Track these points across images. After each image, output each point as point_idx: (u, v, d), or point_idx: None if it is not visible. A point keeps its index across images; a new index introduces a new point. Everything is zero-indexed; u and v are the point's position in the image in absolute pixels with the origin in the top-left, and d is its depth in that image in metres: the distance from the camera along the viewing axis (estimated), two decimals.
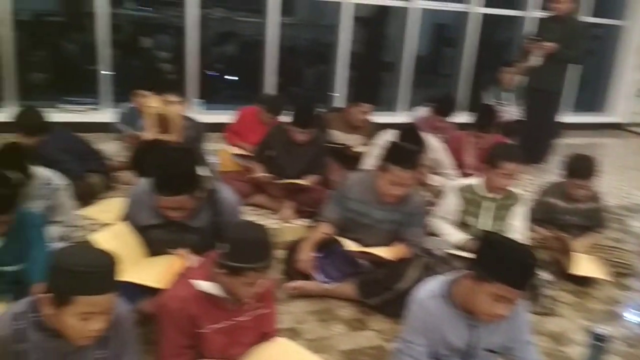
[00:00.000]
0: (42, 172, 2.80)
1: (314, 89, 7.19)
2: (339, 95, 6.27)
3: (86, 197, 3.51)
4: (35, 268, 2.26)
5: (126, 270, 2.16)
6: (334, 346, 2.54)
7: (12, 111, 5.19)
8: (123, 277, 2.17)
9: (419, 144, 3.27)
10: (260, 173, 3.77)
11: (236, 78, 7.22)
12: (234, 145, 4.35)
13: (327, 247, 2.96)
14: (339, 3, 6.12)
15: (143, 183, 2.51)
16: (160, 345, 2.00)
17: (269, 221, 3.58)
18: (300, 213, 3.73)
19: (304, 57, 7.68)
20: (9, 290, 2.27)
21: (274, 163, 3.84)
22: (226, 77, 7.25)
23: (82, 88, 5.84)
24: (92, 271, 1.53)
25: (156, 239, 2.44)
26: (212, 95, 6.32)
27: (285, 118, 4.20)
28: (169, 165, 2.33)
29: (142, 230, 2.46)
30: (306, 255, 2.86)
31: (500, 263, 1.78)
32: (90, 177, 3.68)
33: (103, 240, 2.28)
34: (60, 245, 2.45)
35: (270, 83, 5.95)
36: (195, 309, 1.92)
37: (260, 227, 1.94)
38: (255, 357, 2.09)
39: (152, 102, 3.58)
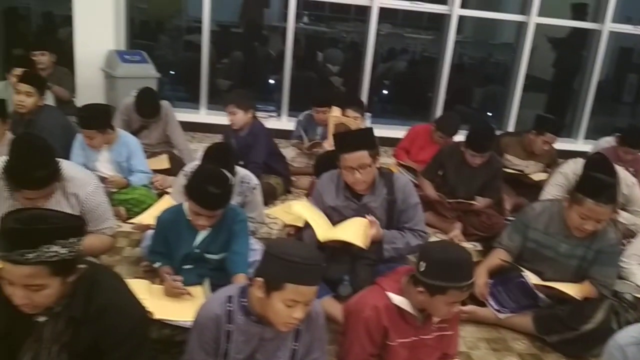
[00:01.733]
0: (240, 171, 3.08)
1: (483, 109, 7.03)
2: (513, 118, 6.07)
3: (267, 197, 3.78)
4: (238, 259, 2.49)
5: (325, 233, 2.45)
6: None
7: (204, 113, 5.79)
8: (327, 237, 2.43)
9: (613, 176, 3.05)
10: (430, 191, 3.78)
11: (386, 92, 7.27)
12: (402, 162, 4.41)
13: (502, 275, 2.88)
14: (524, 23, 5.91)
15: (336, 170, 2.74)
16: (346, 348, 2.06)
17: None
18: (469, 236, 3.68)
19: (471, 76, 7.53)
20: (210, 275, 2.51)
21: (445, 182, 3.83)
22: (383, 91, 7.36)
23: (263, 96, 6.32)
24: (305, 263, 1.64)
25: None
26: (376, 109, 6.48)
27: (458, 137, 4.18)
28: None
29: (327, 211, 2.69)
30: (482, 281, 2.79)
31: None
32: (272, 179, 3.96)
33: (302, 207, 2.59)
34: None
35: (440, 101, 5.93)
36: (387, 320, 1.97)
37: (460, 247, 1.95)
38: None
39: (333, 113, 3.76)
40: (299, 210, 2.64)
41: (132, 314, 1.70)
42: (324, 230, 2.51)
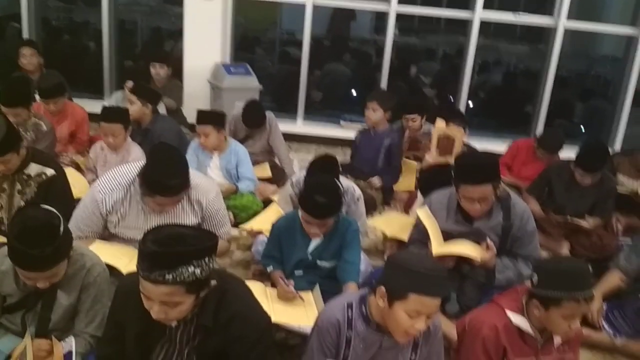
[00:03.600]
0: (344, 181, 3.13)
1: (583, 124, 6.72)
2: (620, 136, 5.79)
3: (366, 208, 3.81)
4: (349, 268, 2.55)
5: (439, 247, 2.44)
6: None
7: (301, 124, 5.94)
8: (441, 251, 2.40)
9: None
10: (536, 208, 3.66)
11: (472, 104, 7.02)
12: (504, 178, 4.30)
13: (619, 299, 2.76)
14: (634, 38, 5.62)
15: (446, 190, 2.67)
16: None
17: None
18: (578, 257, 3.51)
19: (571, 89, 7.21)
20: (320, 283, 2.58)
21: (552, 200, 3.71)
22: (470, 103, 7.15)
23: (348, 107, 6.38)
24: (431, 274, 1.65)
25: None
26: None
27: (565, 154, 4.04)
28: (471, 155, 2.43)
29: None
30: (597, 306, 2.69)
31: None
32: (370, 190, 4.00)
33: (425, 215, 2.57)
34: None
35: (542, 115, 5.74)
36: (505, 340, 1.94)
37: (576, 259, 1.89)
38: None
39: (438, 125, 3.75)
40: (422, 216, 2.59)
41: (259, 323, 1.76)
42: (439, 243, 2.50)
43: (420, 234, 2.69)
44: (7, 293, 1.96)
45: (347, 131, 5.58)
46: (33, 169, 2.68)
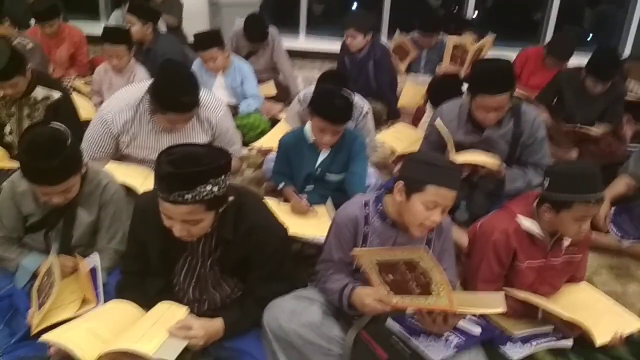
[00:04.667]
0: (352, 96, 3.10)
1: (593, 30, 6.53)
2: (630, 41, 5.64)
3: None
4: (356, 179, 2.57)
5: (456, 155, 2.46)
6: (630, 304, 2.43)
7: (303, 39, 5.79)
8: (461, 159, 2.43)
9: None
10: (545, 116, 3.64)
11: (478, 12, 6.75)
12: None
13: (626, 203, 2.79)
14: None
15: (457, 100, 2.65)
16: (473, 269, 2.09)
17: None
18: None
19: None
20: (331, 195, 2.60)
21: (561, 108, 3.67)
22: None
23: None
24: (447, 168, 1.72)
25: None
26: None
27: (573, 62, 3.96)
28: (488, 64, 2.48)
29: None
30: (605, 210, 2.73)
31: None
32: (375, 104, 3.96)
33: (441, 124, 2.57)
34: None
35: (551, 22, 5.57)
36: (516, 243, 1.98)
37: (585, 162, 1.90)
38: (561, 299, 2.11)
39: (451, 38, 3.67)
40: (439, 126, 2.58)
41: (277, 233, 1.82)
42: (455, 151, 2.51)
43: (431, 145, 2.70)
44: (28, 212, 2.00)
45: None
46: (39, 92, 2.66)
